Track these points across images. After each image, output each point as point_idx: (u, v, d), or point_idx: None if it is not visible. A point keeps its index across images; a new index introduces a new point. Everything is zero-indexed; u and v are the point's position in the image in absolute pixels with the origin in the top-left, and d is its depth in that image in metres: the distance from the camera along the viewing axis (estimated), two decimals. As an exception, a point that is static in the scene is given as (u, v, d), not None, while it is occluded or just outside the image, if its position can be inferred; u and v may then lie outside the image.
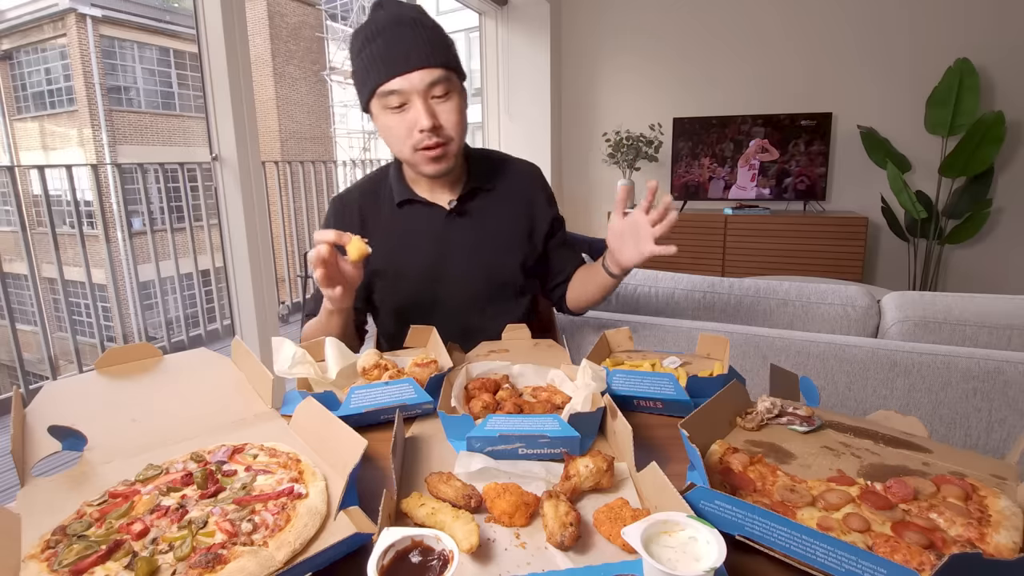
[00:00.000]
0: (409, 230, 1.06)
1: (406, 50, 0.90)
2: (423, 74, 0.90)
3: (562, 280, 1.18)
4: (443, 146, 0.95)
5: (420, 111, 0.91)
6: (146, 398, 0.76)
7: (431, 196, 1.07)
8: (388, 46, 0.90)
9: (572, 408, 0.69)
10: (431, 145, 0.94)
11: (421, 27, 0.91)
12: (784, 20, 3.54)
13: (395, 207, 1.07)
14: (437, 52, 0.91)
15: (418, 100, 0.91)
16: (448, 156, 0.98)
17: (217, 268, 2.82)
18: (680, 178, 3.69)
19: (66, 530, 0.47)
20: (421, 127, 0.92)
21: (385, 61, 0.90)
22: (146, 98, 11.33)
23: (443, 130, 0.94)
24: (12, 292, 2.88)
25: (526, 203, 1.13)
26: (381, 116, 0.95)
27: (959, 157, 3.06)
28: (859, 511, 0.52)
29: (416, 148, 0.95)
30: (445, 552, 0.42)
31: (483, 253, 1.08)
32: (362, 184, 1.13)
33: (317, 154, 13.64)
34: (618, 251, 0.98)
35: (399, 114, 0.93)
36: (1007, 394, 1.14)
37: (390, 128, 0.95)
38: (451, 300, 1.08)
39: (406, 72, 0.89)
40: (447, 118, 0.94)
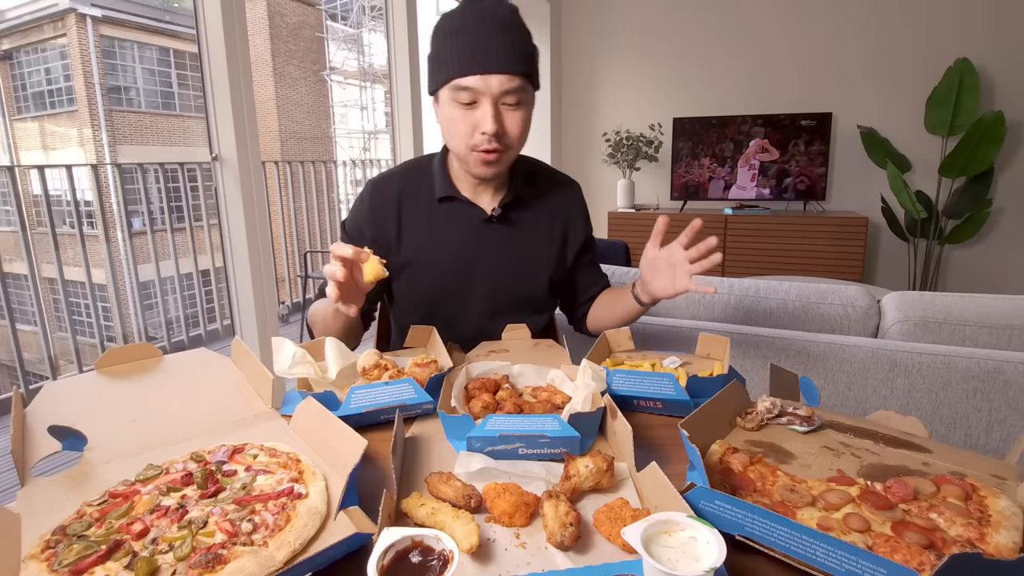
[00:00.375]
0: (445, 227, 1.05)
1: (491, 51, 0.88)
2: (501, 79, 0.88)
3: (586, 300, 1.18)
4: (500, 153, 0.94)
5: (488, 115, 0.89)
6: (146, 398, 0.76)
7: (473, 196, 1.05)
8: (476, 42, 0.88)
9: (572, 408, 0.69)
10: (489, 149, 0.92)
11: (513, 31, 0.90)
12: (784, 20, 3.54)
13: (435, 201, 1.04)
14: (520, 60, 0.90)
15: (488, 103, 0.89)
16: (502, 163, 0.96)
17: (217, 268, 2.82)
18: (680, 178, 3.69)
19: (66, 530, 0.47)
20: (484, 130, 0.90)
21: (468, 56, 0.88)
22: (146, 98, 11.33)
23: (505, 137, 0.93)
24: (12, 292, 2.88)
25: (563, 220, 1.12)
26: (447, 106, 0.93)
27: (959, 157, 3.06)
28: (859, 511, 0.52)
29: (473, 148, 0.94)
30: (445, 552, 0.42)
31: (514, 263, 1.07)
32: (403, 171, 1.09)
33: (317, 154, 13.65)
34: (651, 281, 0.95)
35: (466, 110, 0.91)
36: (1007, 394, 1.14)
37: (454, 121, 0.93)
38: (473, 304, 1.07)
39: (486, 73, 0.88)
40: (512, 127, 0.93)
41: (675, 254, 0.90)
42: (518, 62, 0.89)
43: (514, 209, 1.07)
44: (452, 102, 0.92)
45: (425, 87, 1.22)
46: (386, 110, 13.09)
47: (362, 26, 12.80)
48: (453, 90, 0.90)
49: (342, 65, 13.12)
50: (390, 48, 2.70)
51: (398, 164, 1.13)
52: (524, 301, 1.10)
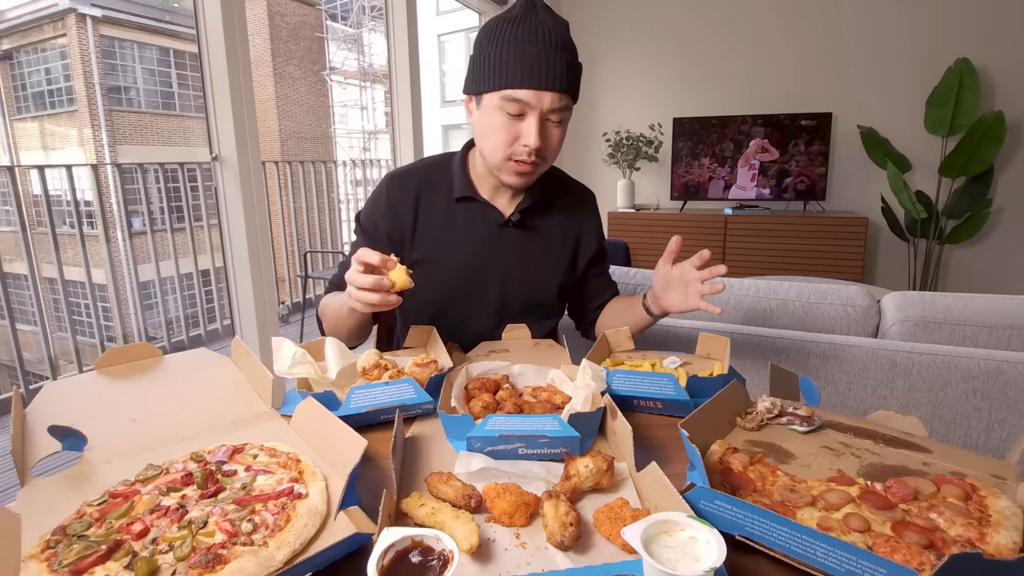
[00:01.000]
0: (461, 227, 1.05)
1: (549, 68, 0.88)
2: (553, 97, 0.89)
3: (595, 308, 1.19)
4: (536, 165, 0.95)
5: (532, 129, 0.90)
6: (146, 398, 0.76)
7: (491, 198, 1.06)
8: (535, 56, 0.88)
9: (572, 408, 0.69)
10: (526, 161, 0.93)
11: (567, 50, 0.91)
12: (784, 20, 3.54)
13: (452, 200, 1.05)
14: (570, 79, 0.91)
15: (535, 117, 0.90)
16: (535, 175, 0.98)
17: (217, 268, 2.82)
18: (680, 178, 3.69)
19: (66, 530, 0.47)
20: (527, 144, 0.91)
21: (526, 68, 0.88)
22: (146, 98, 11.33)
23: (543, 152, 0.94)
24: (12, 292, 2.88)
25: (577, 229, 1.13)
26: (492, 113, 0.93)
27: (959, 157, 3.06)
28: (859, 511, 0.52)
29: (510, 157, 0.94)
30: (445, 552, 0.42)
31: (527, 268, 1.08)
32: (423, 167, 1.09)
33: (317, 154, 13.65)
34: (663, 296, 0.98)
35: (512, 120, 0.91)
36: (1007, 394, 1.14)
37: (495, 128, 0.93)
38: (483, 306, 1.08)
39: (540, 89, 0.88)
40: (551, 143, 0.94)
41: (688, 273, 0.93)
42: (569, 80, 0.91)
43: (530, 215, 1.07)
44: (498, 110, 0.92)
45: (425, 87, 1.22)
46: (386, 110, 13.09)
47: (362, 26, 12.80)
48: (504, 99, 0.90)
49: (342, 65, 13.12)
50: (390, 48, 2.70)
51: (418, 160, 1.13)
52: (533, 306, 1.10)
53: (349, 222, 6.83)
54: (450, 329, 0.99)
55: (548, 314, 1.14)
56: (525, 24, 0.89)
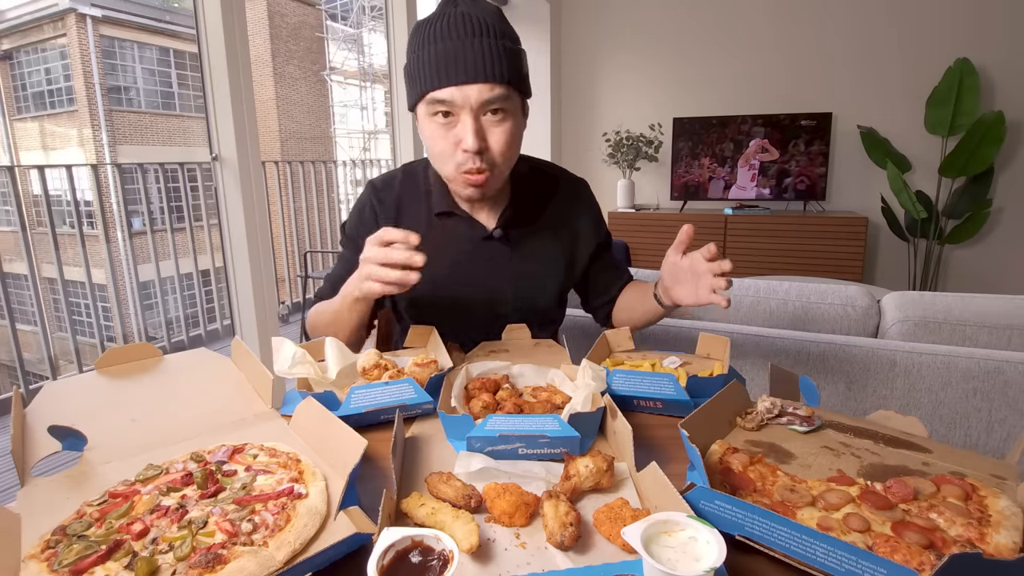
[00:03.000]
0: (443, 244, 0.98)
1: (468, 59, 0.80)
2: (480, 89, 0.80)
3: (607, 300, 1.13)
4: (486, 172, 0.86)
5: (468, 130, 0.82)
6: (146, 398, 0.76)
7: (471, 211, 0.99)
8: (450, 49, 0.80)
9: (572, 408, 0.69)
10: (473, 169, 0.85)
11: (492, 35, 0.82)
12: (784, 20, 3.54)
13: (433, 214, 0.99)
14: (502, 67, 0.81)
15: (468, 117, 0.82)
16: (489, 184, 0.89)
17: (217, 268, 2.82)
18: (680, 178, 3.69)
19: (66, 530, 0.47)
20: (465, 147, 0.83)
21: (441, 66, 0.80)
22: (146, 98, 11.34)
23: (489, 154, 0.85)
24: (12, 292, 2.88)
25: (571, 226, 1.06)
26: (426, 123, 0.87)
27: (959, 157, 3.06)
28: (859, 511, 0.52)
29: (458, 169, 0.87)
30: (445, 552, 0.42)
31: (519, 281, 1.02)
32: (402, 177, 1.02)
33: (317, 154, 13.66)
34: (672, 287, 0.92)
35: (445, 126, 0.84)
36: (1007, 394, 1.14)
37: (434, 139, 0.87)
38: (472, 321, 1.02)
39: (461, 84, 0.80)
40: (496, 141, 0.85)
41: (699, 264, 0.85)
42: (500, 68, 0.81)
43: (515, 225, 1.00)
44: (429, 118, 0.85)
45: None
46: (386, 110, 13.09)
47: (362, 26, 12.81)
48: (429, 104, 0.84)
49: (342, 65, 13.13)
50: (390, 48, 2.70)
51: (399, 166, 1.07)
52: (527, 316, 1.03)
53: (349, 222, 6.83)
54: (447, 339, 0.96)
55: (545, 322, 1.08)
56: (442, 20, 0.83)
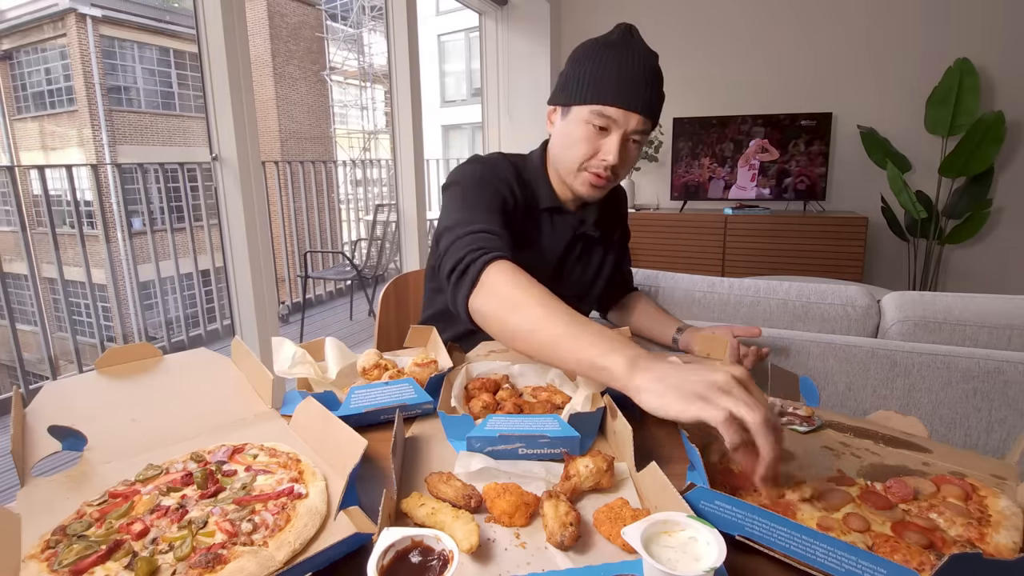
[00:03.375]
0: (553, 236, 1.08)
1: (640, 92, 0.93)
2: (639, 120, 0.93)
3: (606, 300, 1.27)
4: (608, 180, 0.99)
5: (614, 146, 0.94)
6: (146, 398, 0.76)
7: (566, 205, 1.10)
8: (630, 78, 0.93)
9: (572, 408, 0.69)
10: (601, 175, 0.97)
11: (659, 80, 0.96)
12: (784, 20, 3.54)
13: (539, 208, 1.07)
14: (656, 107, 0.96)
15: (617, 135, 0.94)
16: (606, 189, 1.02)
17: (217, 268, 2.82)
18: (680, 178, 3.69)
19: (66, 530, 0.47)
20: (606, 159, 0.95)
21: (619, 88, 0.92)
22: (146, 98, 11.34)
23: (618, 169, 0.98)
24: (12, 292, 2.88)
25: (620, 227, 1.21)
26: (578, 124, 0.96)
27: (959, 157, 3.06)
28: (859, 511, 0.52)
29: (585, 168, 0.98)
30: (445, 552, 0.42)
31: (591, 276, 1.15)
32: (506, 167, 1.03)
33: (317, 154, 13.66)
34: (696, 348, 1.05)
35: (594, 133, 0.95)
36: (1007, 394, 1.14)
37: (577, 139, 0.96)
38: None
39: (629, 110, 0.92)
40: (625, 161, 0.98)
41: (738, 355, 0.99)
42: (655, 108, 0.96)
43: (600, 224, 1.13)
44: (585, 122, 0.95)
45: (425, 87, 1.22)
46: (386, 110, 13.10)
47: (362, 26, 12.81)
48: (593, 113, 0.94)
49: (342, 65, 13.13)
50: (390, 48, 2.70)
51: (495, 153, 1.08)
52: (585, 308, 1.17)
53: (349, 222, 6.83)
54: None
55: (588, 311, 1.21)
56: (624, 48, 0.95)
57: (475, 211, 0.89)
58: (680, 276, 1.50)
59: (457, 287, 0.79)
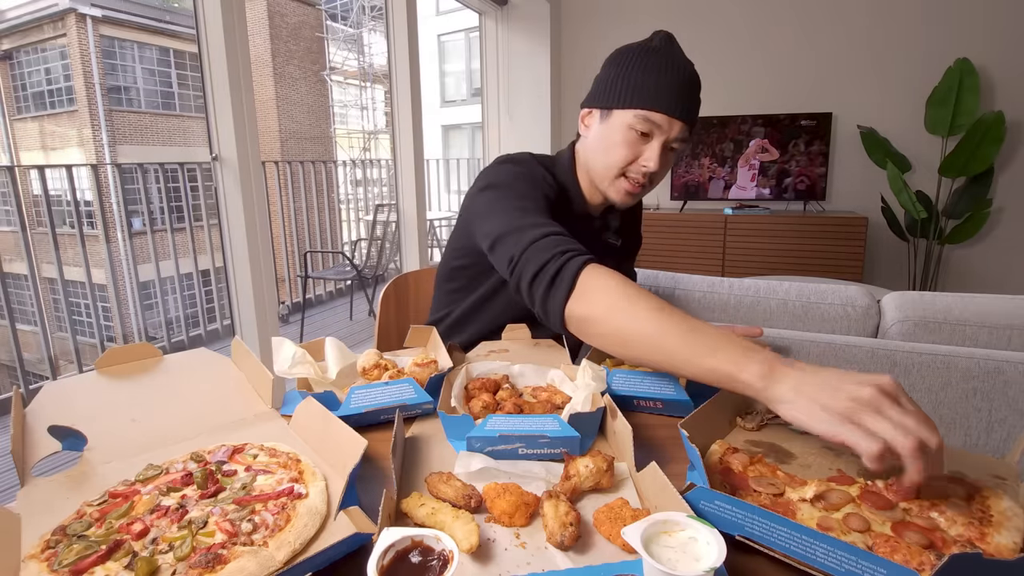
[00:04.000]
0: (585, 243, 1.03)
1: (684, 99, 0.93)
2: (681, 127, 0.93)
3: None
4: (643, 187, 0.98)
5: (655, 153, 0.93)
6: (146, 398, 0.76)
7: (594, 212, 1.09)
8: (676, 86, 0.92)
9: (572, 408, 0.69)
10: (639, 182, 0.96)
11: (698, 88, 0.97)
12: (784, 20, 3.54)
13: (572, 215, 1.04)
14: (695, 114, 0.96)
15: (659, 142, 0.93)
16: (639, 198, 1.01)
17: (217, 268, 2.82)
18: (680, 178, 3.69)
19: (66, 530, 0.47)
20: (646, 165, 0.94)
21: (665, 95, 0.91)
22: (146, 98, 11.35)
23: (654, 177, 0.97)
24: (12, 292, 2.88)
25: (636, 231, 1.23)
26: (618, 129, 0.94)
27: (959, 157, 3.06)
28: (859, 511, 0.52)
29: (623, 175, 0.96)
30: (445, 552, 0.42)
31: None
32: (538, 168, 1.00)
33: (317, 154, 13.66)
34: None
35: (636, 139, 0.94)
36: (1007, 394, 1.14)
37: (617, 144, 0.95)
38: None
39: (673, 117, 0.92)
40: (663, 167, 0.97)
41: None
42: (694, 114, 0.96)
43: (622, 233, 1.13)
44: (628, 127, 0.94)
45: (425, 87, 1.22)
46: (386, 110, 13.10)
47: (362, 26, 12.81)
48: (637, 117, 0.93)
49: (342, 65, 13.13)
50: (390, 48, 2.70)
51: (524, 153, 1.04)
52: None
53: (349, 222, 6.83)
54: None
55: None
56: (666, 55, 0.94)
57: (531, 214, 0.85)
58: (680, 276, 1.50)
59: (549, 293, 0.74)
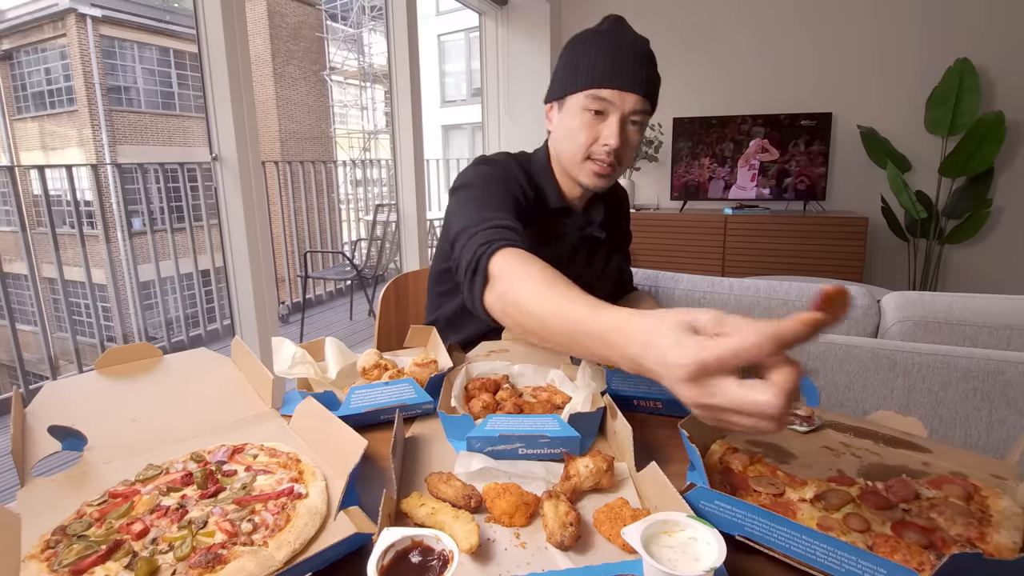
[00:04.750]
0: (554, 235, 1.05)
1: (633, 71, 0.92)
2: (636, 99, 0.92)
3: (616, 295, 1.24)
4: (613, 167, 0.97)
5: (614, 129, 0.92)
6: (146, 398, 0.76)
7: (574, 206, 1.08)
8: (620, 60, 0.92)
9: (572, 408, 0.69)
10: (604, 161, 0.95)
11: (650, 62, 0.95)
12: (784, 20, 3.54)
13: (548, 209, 1.04)
14: (652, 88, 0.95)
15: (616, 118, 0.93)
16: (611, 177, 0.99)
17: (217, 268, 2.82)
18: (680, 178, 3.69)
19: (66, 530, 0.47)
20: (608, 143, 0.93)
21: (613, 70, 0.91)
22: (146, 98, 11.34)
23: (620, 154, 0.96)
24: (12, 292, 2.88)
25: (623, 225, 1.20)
26: (575, 113, 0.95)
27: (959, 157, 3.06)
28: (859, 511, 0.52)
29: (589, 157, 0.96)
30: (445, 552, 0.42)
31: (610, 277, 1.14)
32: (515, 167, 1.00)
33: (317, 154, 13.65)
34: None
35: (593, 119, 0.94)
36: (1007, 394, 1.14)
37: (576, 128, 0.95)
38: None
39: (624, 90, 0.91)
40: (629, 146, 0.96)
41: None
42: (651, 88, 0.95)
43: (605, 225, 1.11)
44: (582, 110, 0.94)
45: (425, 87, 1.22)
46: (386, 110, 13.10)
47: (362, 26, 12.81)
48: (588, 97, 0.93)
49: (342, 65, 13.13)
50: (390, 48, 2.70)
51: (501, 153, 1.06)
52: None
53: (349, 222, 6.83)
54: None
55: None
56: (614, 35, 0.94)
57: (488, 210, 0.86)
58: (680, 276, 1.50)
59: (471, 286, 0.74)
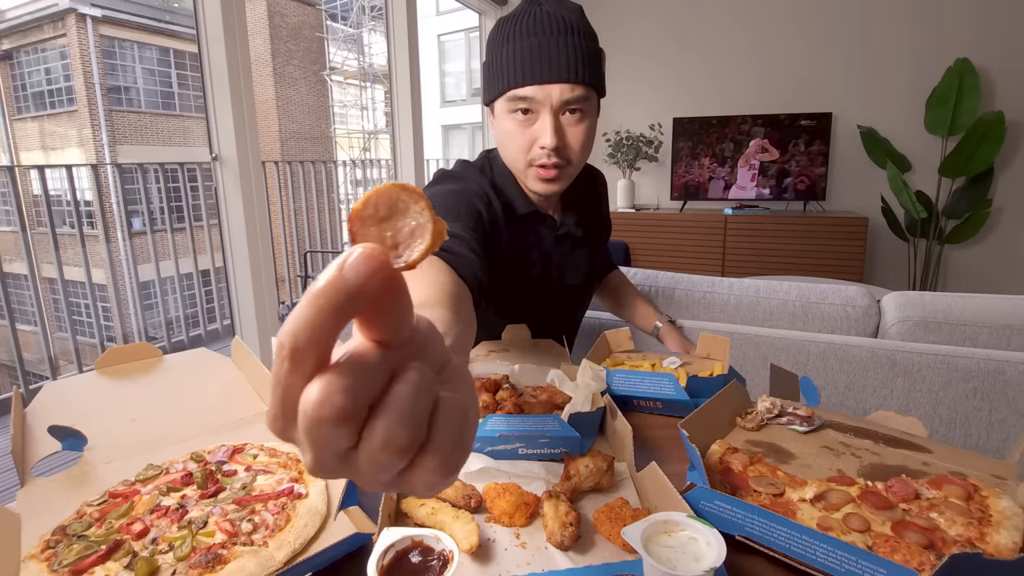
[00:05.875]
0: (535, 242, 0.98)
1: (552, 58, 0.80)
2: (562, 88, 0.81)
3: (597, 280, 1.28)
4: (560, 168, 0.86)
5: (547, 127, 0.82)
6: (146, 398, 0.76)
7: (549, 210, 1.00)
8: (533, 47, 0.81)
9: (572, 408, 0.69)
10: (548, 164, 0.85)
11: (575, 35, 0.82)
12: (784, 20, 3.54)
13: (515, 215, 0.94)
14: (584, 67, 0.82)
15: (547, 115, 0.82)
16: (562, 179, 0.89)
17: (217, 268, 2.82)
18: (680, 178, 3.69)
19: (66, 530, 0.47)
20: (543, 144, 0.83)
21: (525, 64, 0.81)
22: (146, 98, 11.34)
23: (565, 151, 0.86)
24: (12, 292, 2.88)
25: (598, 217, 1.12)
26: (504, 119, 0.87)
27: (959, 157, 3.06)
28: (859, 511, 0.52)
29: (531, 163, 0.87)
30: (445, 552, 0.42)
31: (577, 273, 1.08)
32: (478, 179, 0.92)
33: (317, 154, 13.65)
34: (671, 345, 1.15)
35: (524, 123, 0.85)
36: (1007, 394, 1.14)
37: (510, 134, 0.87)
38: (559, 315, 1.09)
39: (544, 82, 0.81)
40: (573, 140, 0.86)
41: None
42: (581, 69, 0.82)
43: (579, 221, 1.03)
44: (508, 114, 0.85)
45: (425, 87, 1.21)
46: (386, 110, 13.10)
47: (362, 26, 12.81)
48: (509, 101, 0.84)
49: (342, 65, 13.13)
50: (390, 48, 2.70)
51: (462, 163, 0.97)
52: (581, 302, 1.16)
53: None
54: None
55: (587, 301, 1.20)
56: (526, 17, 0.83)
57: None
58: (680, 276, 1.50)
59: None
